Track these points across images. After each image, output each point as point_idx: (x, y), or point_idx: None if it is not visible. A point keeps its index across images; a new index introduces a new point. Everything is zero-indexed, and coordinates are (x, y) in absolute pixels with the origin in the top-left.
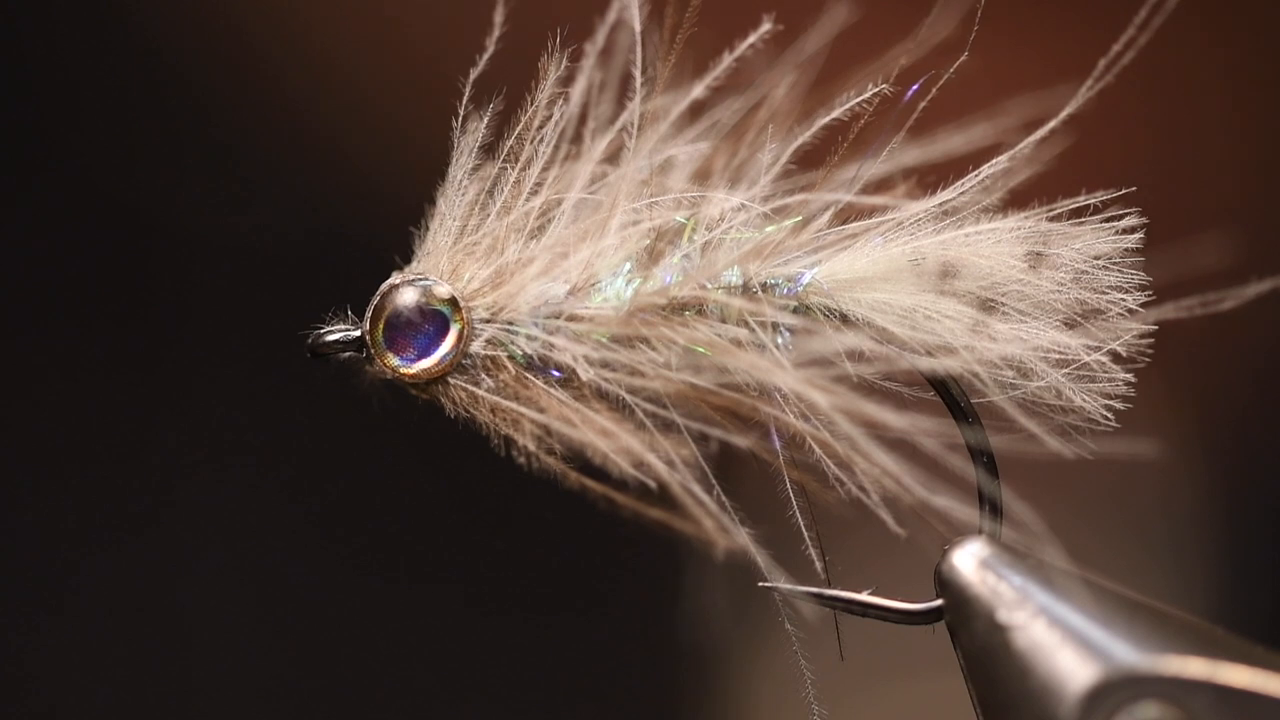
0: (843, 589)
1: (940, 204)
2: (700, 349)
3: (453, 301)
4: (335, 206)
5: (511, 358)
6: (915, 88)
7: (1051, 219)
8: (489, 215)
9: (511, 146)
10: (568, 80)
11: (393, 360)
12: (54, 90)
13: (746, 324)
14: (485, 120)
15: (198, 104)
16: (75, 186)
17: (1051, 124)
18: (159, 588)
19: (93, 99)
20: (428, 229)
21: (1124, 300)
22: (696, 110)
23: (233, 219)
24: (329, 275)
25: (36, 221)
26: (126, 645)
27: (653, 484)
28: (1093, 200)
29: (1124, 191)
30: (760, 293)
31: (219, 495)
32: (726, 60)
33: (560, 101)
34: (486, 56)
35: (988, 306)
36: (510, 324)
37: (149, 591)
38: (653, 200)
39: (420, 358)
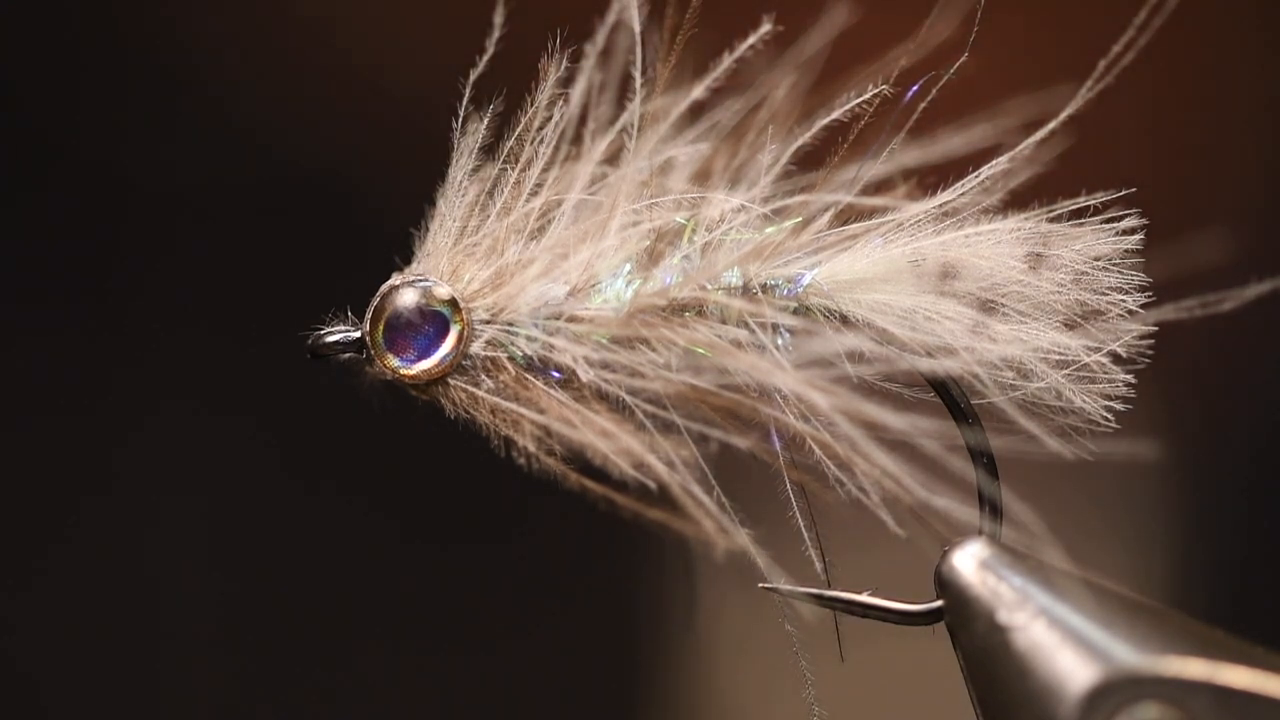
0: (842, 590)
1: (940, 205)
2: (700, 350)
3: (453, 302)
4: (335, 206)
5: (511, 359)
6: (915, 88)
7: (1051, 220)
8: (489, 216)
9: (511, 147)
10: (568, 81)
11: (393, 361)
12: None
13: (746, 325)
14: (485, 121)
15: (200, 101)
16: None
17: (1052, 124)
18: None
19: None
20: (428, 230)
21: (1124, 301)
22: (696, 111)
23: (231, 220)
24: (329, 275)
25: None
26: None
27: (653, 485)
28: (1093, 201)
29: (1124, 192)
30: (760, 294)
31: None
32: (726, 61)
33: (560, 102)
34: (487, 57)
35: (988, 308)
36: (510, 325)
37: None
38: (653, 201)
39: (420, 359)
